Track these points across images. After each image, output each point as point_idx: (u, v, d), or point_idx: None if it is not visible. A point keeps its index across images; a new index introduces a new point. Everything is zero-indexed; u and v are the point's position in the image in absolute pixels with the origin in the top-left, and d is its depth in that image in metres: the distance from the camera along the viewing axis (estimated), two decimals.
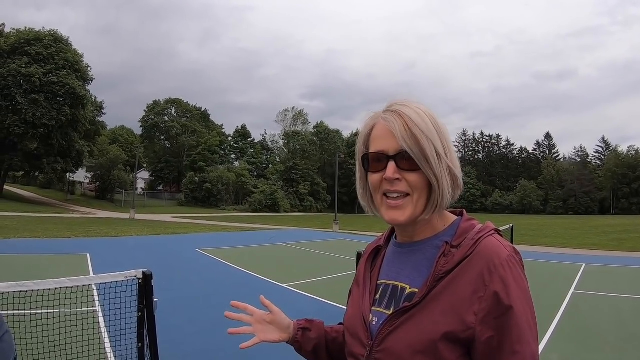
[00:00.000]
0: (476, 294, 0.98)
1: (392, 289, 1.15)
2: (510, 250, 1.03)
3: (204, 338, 6.58)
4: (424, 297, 1.03)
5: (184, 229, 28.50)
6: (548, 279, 12.27)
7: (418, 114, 1.06)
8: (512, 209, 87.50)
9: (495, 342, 0.96)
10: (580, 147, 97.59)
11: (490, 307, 0.97)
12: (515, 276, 0.99)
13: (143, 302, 3.51)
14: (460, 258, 1.03)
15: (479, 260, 1.01)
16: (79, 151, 50.26)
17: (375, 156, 1.10)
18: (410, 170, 1.05)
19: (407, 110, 1.07)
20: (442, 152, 1.05)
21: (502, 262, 0.99)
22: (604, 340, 6.80)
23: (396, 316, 1.06)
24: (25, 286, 3.13)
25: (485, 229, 1.10)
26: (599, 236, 29.21)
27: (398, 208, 1.07)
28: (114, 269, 3.91)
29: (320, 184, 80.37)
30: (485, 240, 1.05)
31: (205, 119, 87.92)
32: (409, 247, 1.16)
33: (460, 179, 1.10)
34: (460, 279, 1.01)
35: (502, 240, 1.07)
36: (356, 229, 33.01)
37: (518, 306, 0.97)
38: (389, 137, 1.07)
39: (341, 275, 11.91)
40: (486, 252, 1.02)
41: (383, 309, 1.14)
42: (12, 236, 19.10)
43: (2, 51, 41.80)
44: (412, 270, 1.12)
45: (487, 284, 0.98)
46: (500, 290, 0.97)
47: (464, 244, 1.05)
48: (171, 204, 68.42)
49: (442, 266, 1.04)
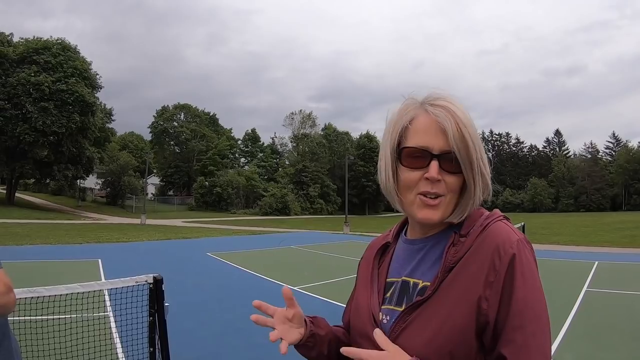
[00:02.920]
0: (487, 279, 0.97)
1: (402, 285, 1.12)
2: (520, 235, 1.01)
3: (216, 342, 6.58)
4: (435, 289, 1.01)
5: (194, 234, 28.60)
6: (561, 278, 12.18)
7: (465, 115, 1.03)
8: (523, 207, 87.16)
9: (505, 327, 0.94)
10: (591, 143, 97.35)
11: (501, 292, 0.95)
12: (525, 261, 0.97)
13: (154, 306, 3.50)
14: (469, 245, 1.02)
15: (488, 245, 0.99)
16: (89, 158, 50.52)
17: (417, 151, 1.04)
18: (451, 173, 1.02)
19: (456, 109, 1.03)
20: (481, 157, 1.03)
21: (512, 247, 0.97)
22: (618, 339, 6.72)
23: (408, 312, 1.04)
24: (37, 292, 3.14)
25: (493, 214, 1.08)
26: (611, 233, 28.99)
27: (433, 208, 1.04)
28: (125, 274, 3.92)
29: (330, 186, 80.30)
30: (494, 225, 1.03)
31: (214, 124, 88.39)
32: (421, 242, 1.13)
33: (490, 184, 1.07)
34: (470, 265, 0.99)
35: (511, 226, 1.05)
36: (367, 231, 32.97)
37: (528, 292, 0.95)
38: (437, 134, 1.02)
39: (353, 277, 11.74)
40: (495, 237, 1.00)
41: (394, 306, 1.11)
42: (24, 243, 19.23)
43: (11, 60, 42.06)
44: (423, 265, 1.10)
45: (497, 268, 0.96)
46: (510, 274, 0.95)
47: (473, 231, 1.04)
48: (181, 208, 68.63)
49: (452, 256, 1.02)
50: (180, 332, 6.51)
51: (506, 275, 0.95)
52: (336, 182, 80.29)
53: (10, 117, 40.91)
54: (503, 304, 0.95)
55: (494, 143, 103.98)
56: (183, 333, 6.61)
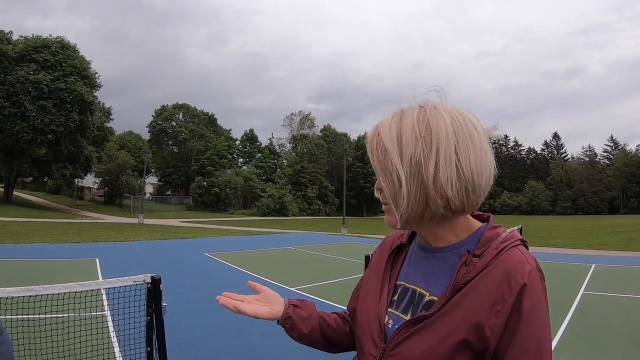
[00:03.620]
0: (494, 307, 0.96)
1: (411, 294, 1.13)
2: (533, 265, 1.00)
3: (213, 341, 6.58)
4: (441, 307, 1.01)
5: (192, 234, 28.56)
6: (557, 280, 12.19)
7: (390, 125, 1.04)
8: (521, 209, 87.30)
9: (505, 356, 0.95)
10: (589, 146, 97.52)
11: (506, 323, 0.95)
12: (535, 293, 0.97)
13: (152, 306, 3.50)
14: (481, 268, 1.01)
15: (500, 272, 0.98)
16: (87, 157, 50.57)
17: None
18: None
19: (382, 125, 1.06)
20: (407, 162, 1.00)
21: (523, 278, 0.96)
22: (614, 341, 6.74)
23: (412, 323, 1.05)
24: (34, 291, 3.14)
25: (511, 238, 1.06)
26: (609, 236, 29.05)
27: (386, 212, 1.09)
28: (123, 273, 3.91)
29: (328, 187, 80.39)
30: (509, 252, 1.02)
31: (213, 124, 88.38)
32: (432, 252, 1.13)
33: (449, 191, 0.98)
34: (479, 289, 0.99)
35: (526, 253, 1.03)
36: (365, 232, 32.99)
37: (535, 325, 0.95)
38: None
39: (350, 278, 11.88)
40: (508, 264, 0.99)
41: (400, 312, 1.12)
42: (21, 241, 19.20)
43: (10, 58, 42.07)
44: (432, 277, 1.10)
45: (506, 298, 0.95)
46: (518, 306, 0.95)
47: (487, 254, 1.02)
48: (179, 208, 68.66)
49: (463, 276, 1.01)
50: (177, 331, 6.50)
51: (514, 305, 0.95)
52: (334, 183, 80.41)
53: (9, 115, 40.95)
54: (506, 334, 0.95)
55: (492, 145, 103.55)
56: (180, 333, 6.60)
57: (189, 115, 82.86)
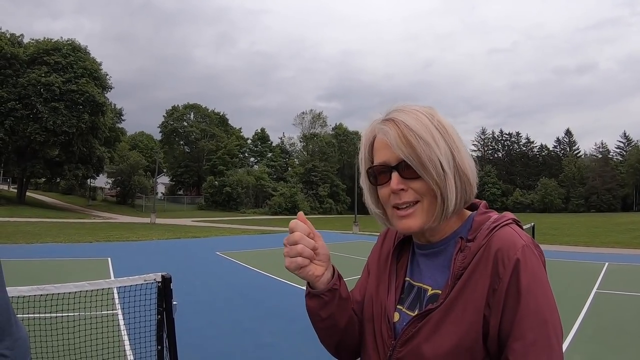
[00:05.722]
0: (492, 286, 0.96)
1: (417, 290, 1.13)
2: (527, 240, 0.99)
3: (224, 341, 6.60)
4: (446, 297, 1.01)
5: (204, 233, 28.69)
6: (570, 279, 12.11)
7: (416, 118, 1.03)
8: (533, 207, 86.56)
9: (509, 335, 0.93)
10: (601, 143, 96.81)
11: (504, 300, 0.94)
12: (530, 266, 0.95)
13: (162, 305, 3.52)
14: (476, 250, 1.01)
15: (493, 251, 0.98)
16: (99, 157, 50.88)
17: (380, 168, 1.07)
18: (414, 179, 1.03)
19: (403, 116, 1.04)
20: (444, 154, 1.02)
21: (516, 253, 0.95)
22: (628, 341, 6.68)
23: (420, 318, 1.04)
24: (46, 290, 3.17)
25: (502, 217, 1.06)
26: (622, 234, 28.78)
27: (409, 216, 1.04)
28: (134, 272, 3.94)
29: (339, 186, 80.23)
30: (501, 230, 1.01)
31: (224, 124, 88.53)
32: (430, 248, 1.13)
33: (472, 179, 1.06)
34: (477, 272, 0.99)
35: (518, 231, 1.03)
36: (376, 230, 32.85)
37: (536, 300, 0.93)
38: (388, 148, 1.05)
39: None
40: (500, 242, 0.98)
41: (406, 309, 1.12)
42: (34, 241, 19.41)
43: (21, 61, 42.42)
44: (434, 272, 1.10)
45: (501, 276, 0.95)
46: (516, 283, 0.93)
47: (479, 235, 1.02)
48: (191, 208, 68.94)
49: (460, 262, 1.01)
50: (188, 330, 6.54)
51: (510, 283, 0.94)
52: (346, 182, 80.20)
53: (21, 117, 41.31)
54: (508, 313, 0.94)
55: (504, 143, 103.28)
56: (191, 332, 6.64)
57: (200, 115, 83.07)
